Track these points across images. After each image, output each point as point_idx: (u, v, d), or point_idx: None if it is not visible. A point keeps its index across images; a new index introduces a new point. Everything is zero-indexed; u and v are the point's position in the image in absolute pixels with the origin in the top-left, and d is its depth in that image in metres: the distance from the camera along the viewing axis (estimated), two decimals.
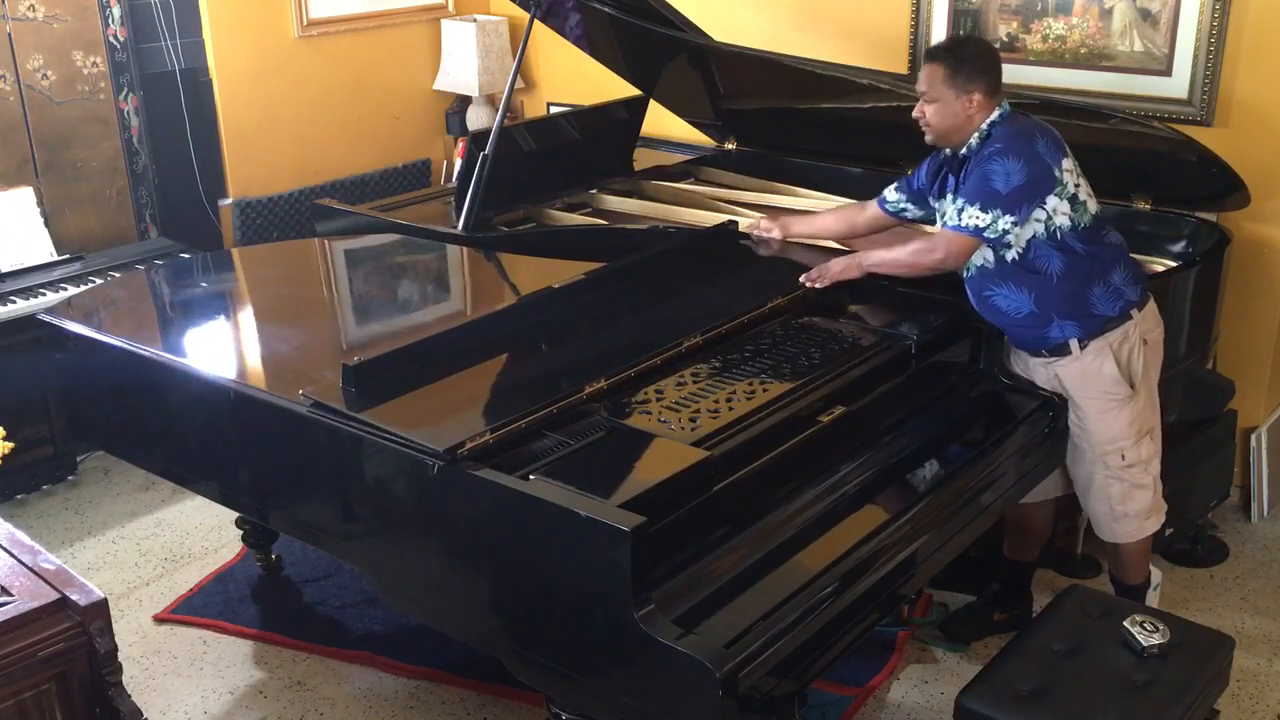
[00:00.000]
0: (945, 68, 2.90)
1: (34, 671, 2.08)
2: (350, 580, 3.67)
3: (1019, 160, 2.84)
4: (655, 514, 2.15)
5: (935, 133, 2.97)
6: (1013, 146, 2.86)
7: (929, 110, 2.94)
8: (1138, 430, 3.01)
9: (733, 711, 2.07)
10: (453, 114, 5.56)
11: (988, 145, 2.90)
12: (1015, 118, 2.95)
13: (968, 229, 2.88)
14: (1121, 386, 2.97)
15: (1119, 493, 3.05)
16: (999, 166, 2.84)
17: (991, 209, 2.85)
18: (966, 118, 2.91)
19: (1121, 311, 2.94)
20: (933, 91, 2.92)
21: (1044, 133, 2.93)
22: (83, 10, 4.34)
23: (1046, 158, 2.87)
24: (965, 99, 2.89)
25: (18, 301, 4.01)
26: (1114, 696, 2.40)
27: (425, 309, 3.46)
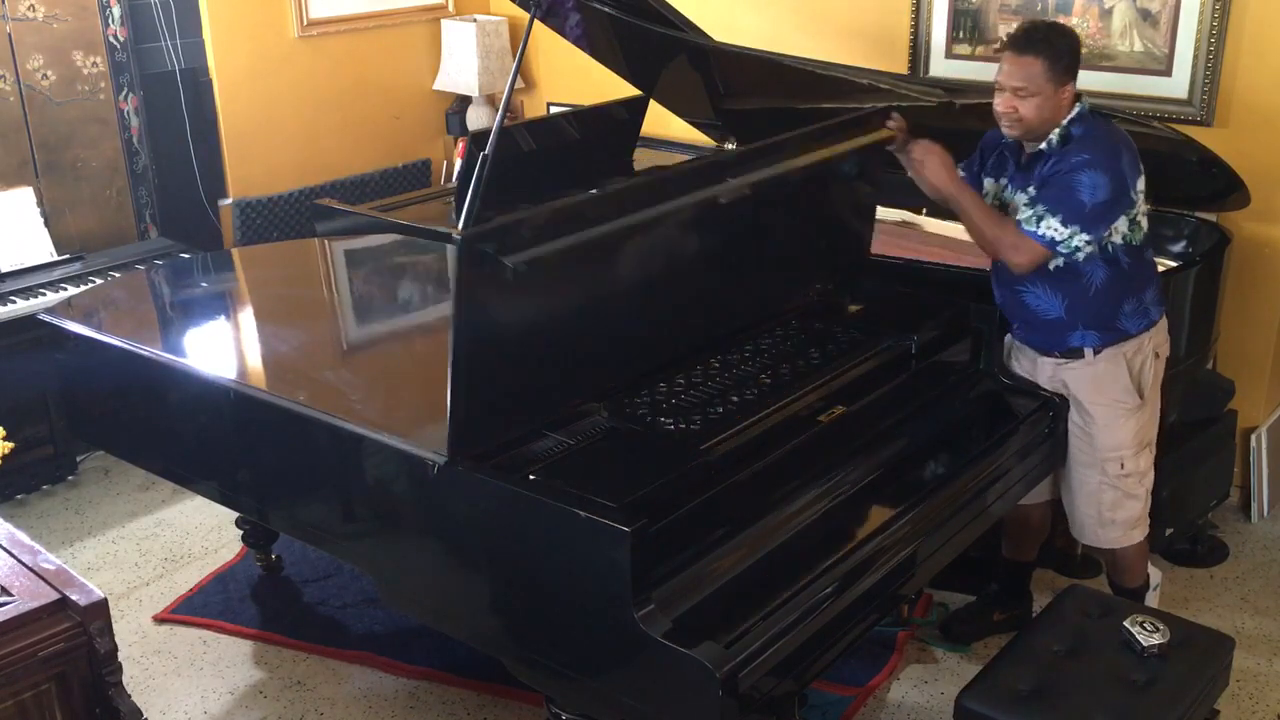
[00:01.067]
0: (1045, 60, 2.75)
1: (34, 671, 2.08)
2: (350, 580, 3.67)
3: (1106, 175, 2.74)
4: (655, 514, 2.15)
5: (1026, 127, 2.82)
6: (1101, 160, 2.76)
7: (1025, 105, 2.78)
8: (1140, 441, 3.00)
9: (733, 711, 2.07)
10: (453, 114, 5.56)
11: (1072, 150, 2.79)
12: (1096, 119, 2.85)
13: (1043, 239, 2.79)
14: (1131, 396, 2.95)
15: (1110, 500, 3.03)
16: (1087, 179, 2.74)
17: (1071, 224, 2.76)
18: (1059, 110, 2.80)
19: (1143, 328, 2.94)
20: (1032, 85, 2.76)
21: (1127, 146, 2.84)
22: (83, 10, 4.34)
23: (1128, 176, 2.80)
24: (1061, 92, 2.78)
25: (18, 301, 4.01)
26: (1114, 696, 2.40)
27: (425, 309, 3.46)
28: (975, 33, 4.18)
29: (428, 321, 3.34)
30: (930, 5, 4.24)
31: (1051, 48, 2.76)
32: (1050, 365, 3.01)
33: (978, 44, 4.20)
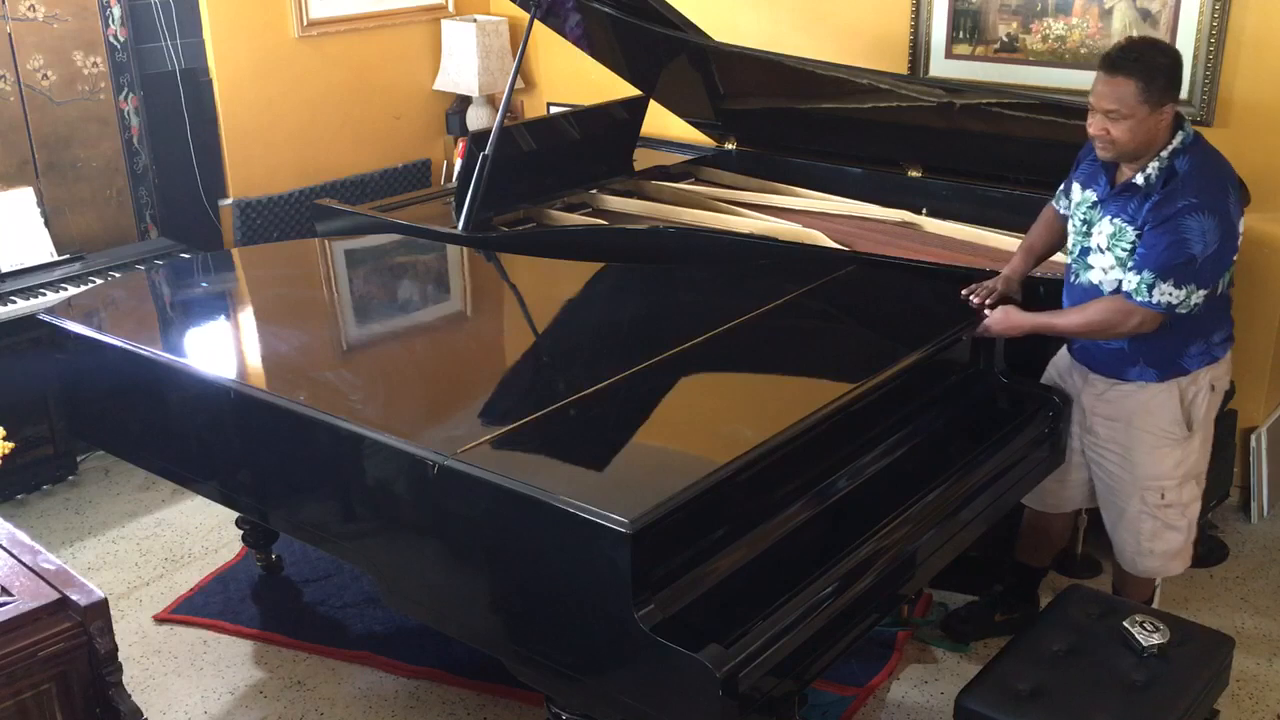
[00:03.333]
0: (1138, 81, 2.57)
1: (34, 671, 2.08)
2: (350, 580, 3.68)
3: (1215, 219, 2.59)
4: (656, 515, 2.14)
5: (1119, 150, 2.66)
6: (1209, 202, 2.59)
7: (1118, 128, 2.62)
8: (1184, 473, 2.91)
9: (733, 711, 2.07)
10: (453, 114, 5.56)
11: (1178, 191, 2.61)
12: (1202, 149, 2.67)
13: (1160, 306, 2.65)
14: (1179, 427, 2.87)
15: (1150, 529, 2.95)
16: (1195, 224, 2.58)
17: (1186, 284, 2.62)
18: (1158, 134, 2.64)
19: (1204, 365, 2.84)
20: (1124, 108, 2.59)
21: (1233, 182, 2.68)
22: (83, 10, 4.34)
23: (1235, 218, 2.65)
24: (1159, 114, 2.60)
25: (18, 301, 4.01)
26: (1114, 696, 2.40)
27: (425, 309, 3.46)
28: (975, 33, 4.18)
29: (428, 321, 3.35)
30: (930, 5, 4.24)
31: (1145, 67, 2.58)
32: (1102, 383, 2.92)
33: (978, 44, 4.20)
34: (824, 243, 3.49)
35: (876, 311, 3.17)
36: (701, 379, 2.79)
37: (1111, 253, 2.75)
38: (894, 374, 2.74)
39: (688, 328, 2.88)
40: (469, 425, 2.57)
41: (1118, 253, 2.74)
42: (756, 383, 2.83)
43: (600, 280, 3.43)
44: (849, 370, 2.74)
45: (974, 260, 3.40)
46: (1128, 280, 2.69)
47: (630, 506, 2.10)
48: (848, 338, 3.12)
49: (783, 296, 3.10)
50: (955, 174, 3.92)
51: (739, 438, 2.39)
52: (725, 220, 3.77)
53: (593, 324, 3.24)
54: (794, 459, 2.48)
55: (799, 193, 4.07)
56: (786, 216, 3.83)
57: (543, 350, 3.09)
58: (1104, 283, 2.80)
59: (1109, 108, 2.62)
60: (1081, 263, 2.86)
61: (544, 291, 3.46)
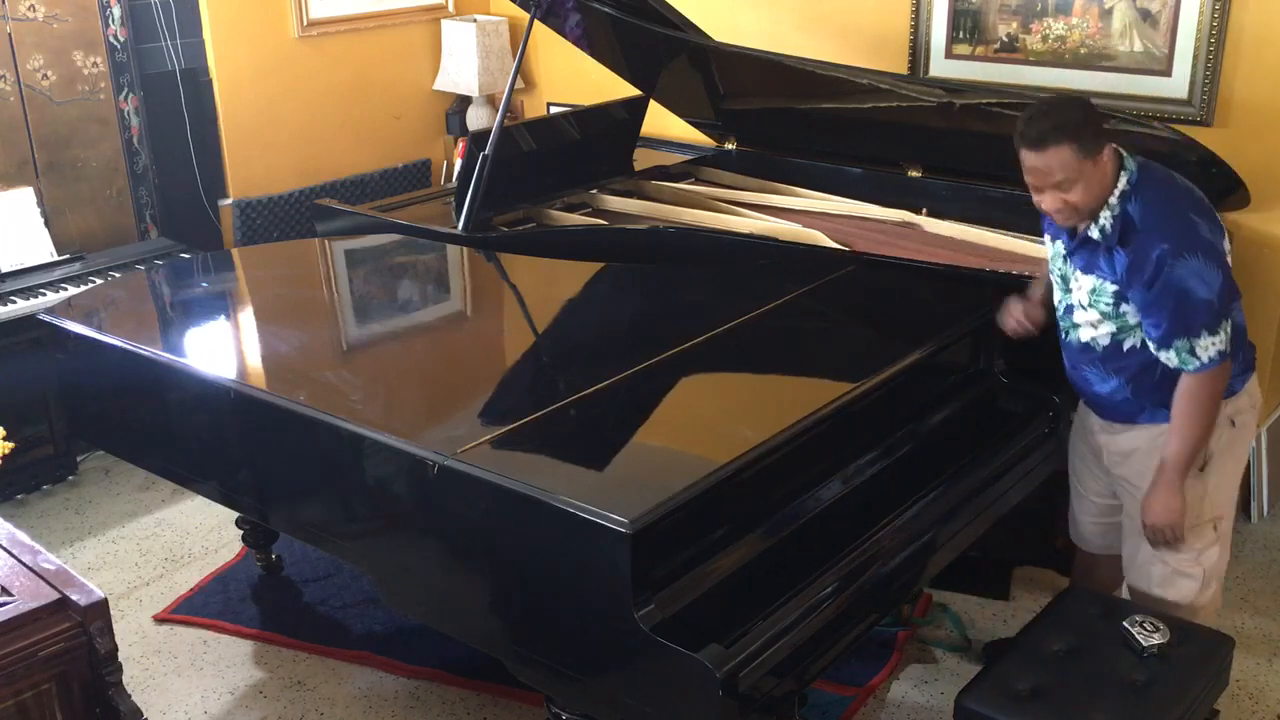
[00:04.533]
0: (1069, 144, 2.46)
1: (34, 671, 2.08)
2: (350, 580, 3.68)
3: (1197, 256, 2.46)
4: (656, 515, 2.14)
5: (1084, 213, 2.55)
6: (1183, 243, 2.47)
7: (1073, 195, 2.50)
8: (1197, 514, 2.70)
9: (733, 711, 2.07)
10: (453, 114, 5.56)
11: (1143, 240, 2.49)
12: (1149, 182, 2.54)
13: (1214, 362, 2.53)
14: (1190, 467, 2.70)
15: (1159, 576, 2.78)
16: (1184, 272, 2.46)
17: (1219, 325, 2.50)
18: (1106, 181, 2.52)
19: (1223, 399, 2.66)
20: (1070, 173, 2.48)
21: (1194, 206, 2.54)
22: (83, 10, 4.34)
23: (1215, 241, 2.51)
24: (1100, 161, 2.50)
25: (18, 301, 4.01)
26: (1114, 696, 2.40)
27: (425, 309, 3.46)
28: (975, 33, 4.18)
29: (428, 321, 3.35)
30: (930, 5, 4.24)
31: (1068, 128, 2.46)
32: (1118, 426, 2.80)
33: (978, 44, 4.20)
34: (824, 243, 3.49)
35: (876, 311, 3.17)
36: (701, 379, 2.79)
37: (1095, 309, 2.65)
38: (894, 374, 2.74)
39: (688, 328, 2.88)
40: (469, 425, 2.57)
41: (1101, 308, 2.63)
42: (756, 383, 2.83)
43: (600, 280, 3.43)
44: (849, 370, 2.73)
45: (974, 260, 3.40)
46: (1167, 359, 2.57)
47: (630, 506, 2.10)
48: (848, 338, 3.12)
49: (783, 296, 3.10)
50: (955, 174, 3.92)
51: (739, 438, 2.39)
52: (725, 220, 3.77)
53: (593, 324, 3.24)
54: (794, 459, 2.48)
55: (799, 193, 4.07)
56: (786, 216, 3.83)
57: (543, 350, 3.09)
58: (1097, 339, 2.69)
59: (1057, 179, 2.49)
60: (1069, 320, 2.75)
61: (544, 291, 3.46)
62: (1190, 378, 2.58)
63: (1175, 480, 2.64)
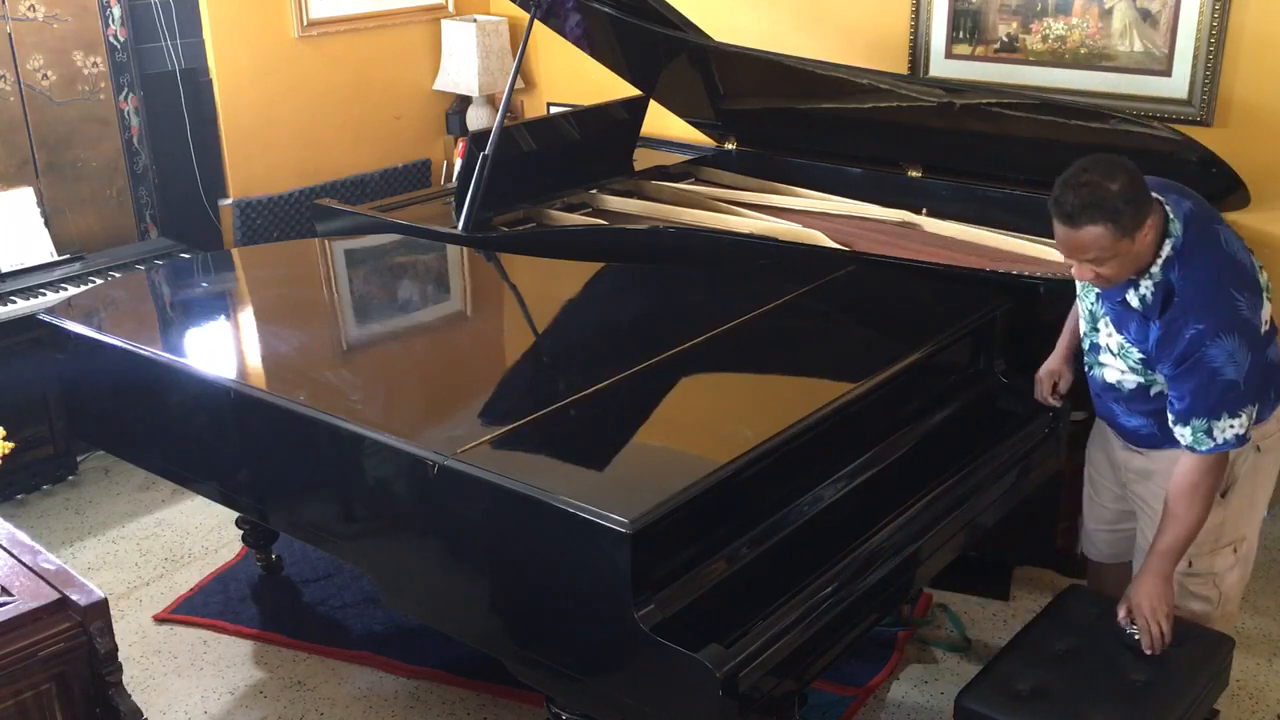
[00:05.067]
0: (1107, 225, 2.31)
1: (34, 671, 2.08)
2: (350, 580, 3.68)
3: (1232, 336, 2.35)
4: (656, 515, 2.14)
5: (1119, 280, 2.44)
6: (1219, 322, 2.35)
7: (1107, 269, 2.39)
8: (1216, 539, 2.65)
9: (733, 711, 2.07)
10: (453, 114, 5.56)
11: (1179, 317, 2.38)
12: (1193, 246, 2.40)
13: (1229, 444, 2.43)
14: None
15: (1181, 595, 2.70)
16: (1217, 353, 2.35)
17: (1242, 408, 2.39)
18: (1146, 252, 2.40)
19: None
20: (1104, 252, 2.35)
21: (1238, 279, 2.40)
22: (83, 10, 4.34)
23: (1254, 319, 2.39)
24: (1142, 234, 2.35)
25: (18, 301, 4.01)
26: (1114, 696, 2.40)
27: (425, 309, 3.46)
28: (975, 33, 4.18)
29: (428, 321, 3.35)
30: (930, 5, 4.24)
31: (1104, 208, 2.30)
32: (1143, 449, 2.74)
33: (978, 44, 4.20)
34: (824, 243, 3.49)
35: (876, 311, 3.17)
36: (701, 379, 2.79)
37: (1124, 360, 2.58)
38: (894, 374, 2.74)
39: (688, 328, 2.88)
40: (469, 425, 2.57)
41: (1130, 363, 2.57)
42: (756, 383, 2.83)
43: (600, 280, 3.43)
44: (849, 370, 2.74)
45: (974, 260, 3.40)
46: (1181, 435, 2.46)
47: (630, 506, 2.10)
48: (848, 338, 3.12)
49: (783, 296, 3.10)
50: (955, 174, 3.92)
51: (739, 438, 2.39)
52: (725, 220, 3.77)
53: (593, 324, 3.24)
54: (794, 459, 2.48)
55: (799, 193, 4.07)
56: (786, 216, 3.83)
57: (543, 350, 3.09)
58: (1123, 382, 2.63)
59: (1091, 257, 2.37)
60: (1094, 359, 2.69)
61: (544, 291, 3.46)
62: (1197, 459, 2.47)
63: (1165, 569, 2.53)
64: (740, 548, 2.34)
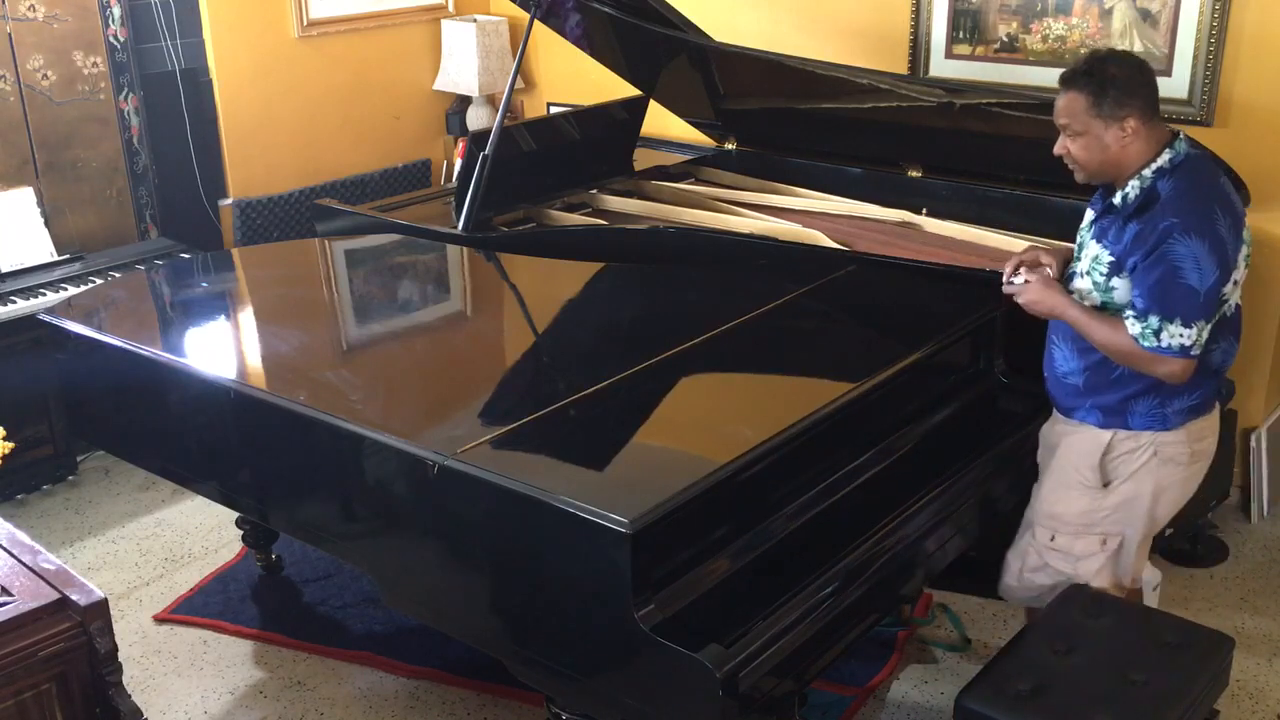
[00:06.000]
0: (1087, 94, 2.44)
1: (34, 671, 2.08)
2: (350, 580, 3.67)
3: (1203, 241, 2.37)
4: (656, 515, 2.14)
5: (1085, 170, 2.52)
6: (1193, 223, 2.38)
7: (1074, 145, 2.49)
8: (1085, 524, 2.68)
9: (733, 711, 2.07)
10: (453, 114, 5.56)
11: (1156, 214, 2.41)
12: (1193, 169, 2.46)
13: (1173, 350, 2.42)
14: (1093, 474, 2.66)
15: (1032, 563, 2.80)
16: (1183, 250, 2.37)
17: (1195, 319, 2.39)
18: (1121, 149, 2.46)
19: (1148, 427, 2.60)
20: (1076, 123, 2.46)
21: (1226, 207, 2.44)
22: (83, 10, 4.34)
23: (1229, 248, 2.42)
24: (1117, 127, 2.43)
25: (18, 301, 4.01)
26: (1114, 696, 2.40)
27: (425, 309, 3.46)
28: (975, 33, 4.19)
29: (428, 321, 3.35)
30: (930, 5, 4.25)
31: (1097, 79, 2.43)
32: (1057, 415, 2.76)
33: (978, 44, 4.20)
34: (824, 243, 3.49)
35: (876, 311, 3.17)
36: (701, 379, 2.79)
37: (1089, 277, 2.57)
38: (894, 374, 2.74)
39: (688, 328, 2.88)
40: (469, 425, 2.57)
41: (1094, 278, 2.55)
42: (756, 383, 2.83)
43: (600, 280, 3.43)
44: (849, 370, 2.74)
45: (974, 260, 3.40)
46: (1130, 325, 2.46)
47: (630, 506, 2.10)
48: (848, 338, 3.12)
49: (783, 296, 3.10)
50: (955, 174, 3.92)
51: (739, 438, 2.39)
52: (725, 220, 3.77)
53: (593, 324, 3.24)
54: (794, 459, 2.48)
55: (799, 193, 4.07)
56: (786, 216, 3.83)
57: (543, 350, 3.09)
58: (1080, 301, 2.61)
59: (1063, 122, 2.50)
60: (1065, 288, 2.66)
61: (544, 291, 3.46)
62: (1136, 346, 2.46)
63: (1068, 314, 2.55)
64: (740, 548, 2.35)
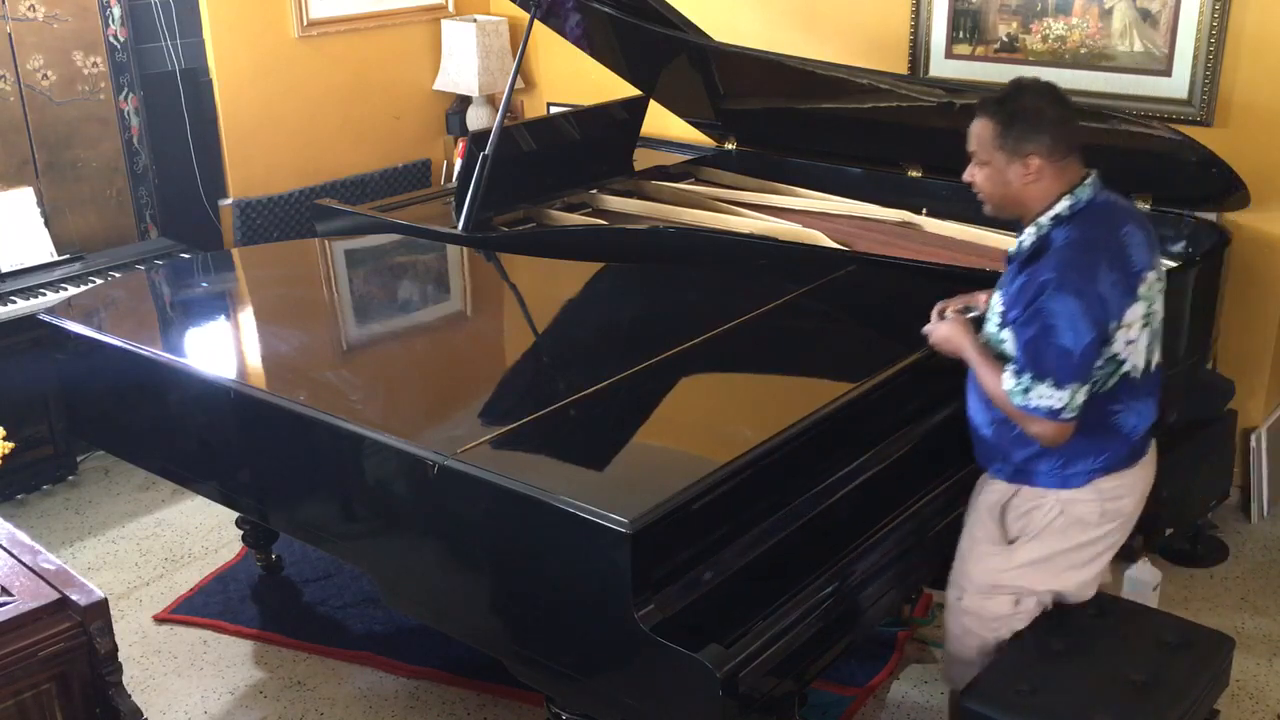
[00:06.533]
0: (995, 123, 2.31)
1: (34, 671, 2.08)
2: (350, 580, 3.67)
3: (1078, 301, 2.21)
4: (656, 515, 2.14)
5: (989, 202, 2.40)
6: (1070, 281, 2.22)
7: (979, 175, 2.38)
8: (992, 584, 2.51)
9: (733, 711, 2.07)
10: (453, 114, 5.56)
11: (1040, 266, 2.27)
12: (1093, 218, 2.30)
13: (1040, 411, 2.27)
14: (994, 528, 2.51)
15: (957, 628, 2.61)
16: (1058, 309, 2.22)
17: (1068, 383, 2.23)
18: (1023, 187, 2.32)
19: (1053, 486, 2.43)
20: (981, 152, 2.35)
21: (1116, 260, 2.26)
22: (83, 10, 4.34)
23: (1110, 305, 2.25)
24: (1020, 163, 2.30)
25: (18, 301, 4.01)
26: (1114, 696, 2.40)
27: (425, 309, 3.46)
28: (975, 33, 4.18)
29: (428, 321, 3.35)
30: (930, 5, 4.24)
31: (1004, 109, 2.30)
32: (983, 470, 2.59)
33: (978, 44, 4.20)
34: (824, 243, 3.49)
35: (876, 312, 3.17)
36: (701, 379, 2.79)
37: (990, 322, 2.44)
38: (894, 374, 2.74)
39: (688, 328, 2.88)
40: (469, 425, 2.57)
41: (990, 327, 2.43)
42: (756, 383, 2.83)
43: (600, 280, 3.43)
44: (849, 370, 2.74)
45: (974, 260, 3.40)
46: (1006, 379, 2.32)
47: (630, 506, 2.10)
48: (848, 338, 3.12)
49: (783, 296, 3.10)
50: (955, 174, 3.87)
51: (739, 438, 2.39)
52: (725, 220, 3.77)
53: (593, 324, 3.24)
54: (794, 459, 2.48)
55: (799, 193, 4.07)
56: (786, 216, 3.83)
57: (543, 350, 3.09)
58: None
59: (971, 149, 2.37)
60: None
61: (544, 291, 3.46)
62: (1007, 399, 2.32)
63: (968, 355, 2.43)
64: (740, 548, 2.34)
